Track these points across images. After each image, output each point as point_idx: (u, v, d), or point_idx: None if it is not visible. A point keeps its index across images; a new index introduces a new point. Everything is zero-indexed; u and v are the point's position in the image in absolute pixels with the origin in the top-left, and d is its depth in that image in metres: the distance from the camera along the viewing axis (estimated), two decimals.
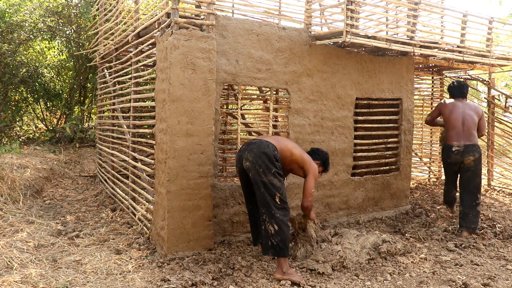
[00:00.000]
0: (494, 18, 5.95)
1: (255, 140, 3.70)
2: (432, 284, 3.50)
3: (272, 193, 3.47)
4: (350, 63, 5.19)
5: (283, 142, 3.79)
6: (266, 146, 3.59)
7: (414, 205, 6.00)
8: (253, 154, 3.55)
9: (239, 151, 3.74)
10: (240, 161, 3.69)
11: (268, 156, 3.53)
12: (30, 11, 9.35)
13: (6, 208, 5.06)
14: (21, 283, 3.20)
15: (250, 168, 3.56)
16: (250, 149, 3.60)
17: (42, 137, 9.64)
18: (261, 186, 3.49)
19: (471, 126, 4.84)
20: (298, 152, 3.80)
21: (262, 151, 3.53)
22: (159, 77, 4.07)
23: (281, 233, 3.42)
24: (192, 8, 4.13)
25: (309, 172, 3.75)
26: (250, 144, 3.66)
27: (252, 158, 3.54)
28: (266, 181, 3.48)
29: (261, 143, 3.60)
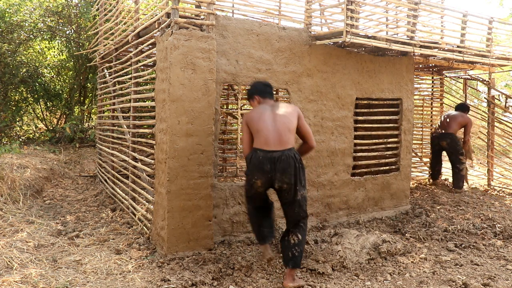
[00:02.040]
0: (494, 18, 5.95)
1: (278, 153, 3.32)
2: (432, 284, 3.50)
3: (303, 206, 3.43)
4: (350, 63, 5.19)
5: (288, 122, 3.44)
6: (295, 158, 3.35)
7: (414, 205, 6.01)
8: (289, 175, 3.31)
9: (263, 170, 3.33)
10: (269, 181, 3.38)
11: (302, 170, 3.39)
12: (30, 11, 9.35)
13: (6, 208, 5.06)
14: (21, 283, 3.20)
15: (287, 189, 3.36)
16: (283, 170, 3.29)
17: (42, 137, 9.63)
18: (296, 204, 3.38)
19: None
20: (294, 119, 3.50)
21: (297, 167, 3.34)
22: (159, 77, 4.07)
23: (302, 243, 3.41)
24: (192, 8, 4.13)
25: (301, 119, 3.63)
26: (277, 161, 3.31)
27: (289, 179, 3.32)
28: (300, 197, 3.38)
29: (289, 157, 3.32)
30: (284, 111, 3.50)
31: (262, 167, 3.34)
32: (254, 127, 3.45)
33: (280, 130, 3.38)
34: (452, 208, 5.88)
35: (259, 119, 3.46)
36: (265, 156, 3.33)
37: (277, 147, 3.34)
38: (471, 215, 5.50)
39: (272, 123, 3.42)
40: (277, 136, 3.37)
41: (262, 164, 3.33)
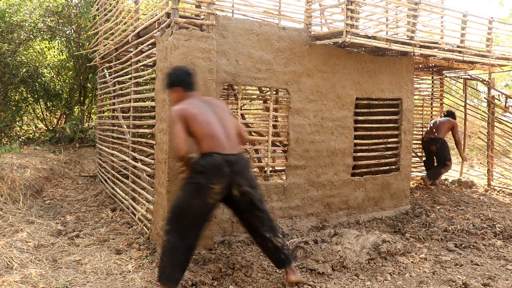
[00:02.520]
0: (494, 18, 5.95)
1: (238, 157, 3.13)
2: (432, 284, 3.50)
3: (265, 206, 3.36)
4: (350, 63, 5.19)
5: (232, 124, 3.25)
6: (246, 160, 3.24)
7: (414, 205, 6.01)
8: (251, 179, 3.21)
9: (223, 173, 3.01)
10: (229, 186, 3.09)
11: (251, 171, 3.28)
12: (30, 11, 9.35)
13: (6, 208, 5.06)
14: (21, 283, 3.20)
15: (249, 193, 3.18)
16: (243, 174, 3.12)
17: (42, 137, 9.63)
18: (260, 204, 3.26)
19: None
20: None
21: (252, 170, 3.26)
22: (159, 77, 4.07)
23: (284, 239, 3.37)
24: (192, 8, 4.13)
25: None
26: (237, 164, 3.08)
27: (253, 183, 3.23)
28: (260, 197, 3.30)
29: (247, 160, 3.21)
30: (223, 109, 3.28)
31: (222, 170, 3.00)
32: (198, 127, 3.06)
33: (229, 129, 3.17)
34: (452, 208, 5.88)
35: (205, 120, 3.09)
36: (224, 159, 3.03)
37: (232, 151, 3.11)
38: (471, 215, 5.50)
39: (221, 125, 3.14)
40: (230, 138, 3.14)
41: (222, 166, 3.00)
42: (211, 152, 3.02)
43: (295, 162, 4.81)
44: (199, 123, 3.05)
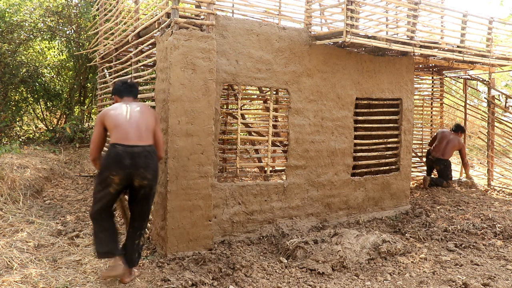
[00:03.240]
0: (494, 18, 5.95)
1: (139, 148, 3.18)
2: (432, 284, 3.50)
3: (151, 203, 3.42)
4: (350, 63, 5.19)
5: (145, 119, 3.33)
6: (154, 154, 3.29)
7: (414, 205, 6.00)
8: (151, 171, 3.22)
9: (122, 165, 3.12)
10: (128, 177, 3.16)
11: (158, 167, 3.37)
12: (30, 11, 9.35)
13: (6, 208, 5.06)
14: (21, 283, 3.20)
15: (147, 185, 3.23)
16: (146, 165, 3.17)
17: (42, 137, 9.63)
18: (150, 200, 3.34)
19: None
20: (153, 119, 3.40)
21: (157, 165, 3.31)
22: (159, 77, 4.07)
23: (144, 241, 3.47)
24: (192, 8, 4.13)
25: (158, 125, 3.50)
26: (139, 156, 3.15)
27: (152, 175, 3.22)
28: (153, 194, 3.37)
29: (150, 153, 3.23)
30: (142, 109, 3.38)
31: (122, 162, 3.11)
32: (112, 123, 3.24)
33: (140, 125, 3.26)
34: (452, 208, 5.88)
35: (116, 115, 3.28)
36: (125, 151, 3.13)
37: (138, 142, 3.19)
38: (471, 215, 5.50)
39: (131, 119, 3.27)
40: (137, 131, 3.22)
41: (122, 158, 3.11)
42: (115, 143, 3.18)
43: (295, 162, 4.81)
44: (111, 118, 3.27)
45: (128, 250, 3.34)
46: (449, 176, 7.27)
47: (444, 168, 7.28)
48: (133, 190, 3.29)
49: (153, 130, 3.36)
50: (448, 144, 7.33)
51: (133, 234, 3.36)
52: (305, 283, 3.44)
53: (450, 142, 7.33)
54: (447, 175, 7.24)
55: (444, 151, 7.31)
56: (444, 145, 7.33)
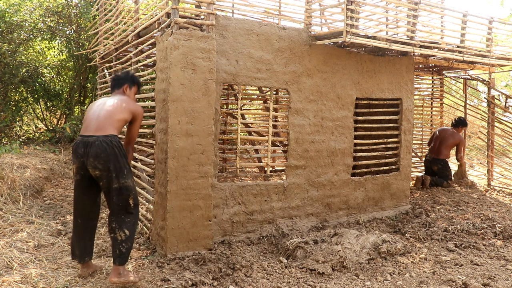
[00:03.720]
0: (494, 18, 5.95)
1: (93, 138, 3.18)
2: (432, 284, 3.50)
3: (125, 198, 3.21)
4: (350, 63, 5.19)
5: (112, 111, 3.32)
6: (111, 143, 3.19)
7: (414, 205, 6.00)
8: (102, 160, 3.13)
9: (77, 154, 3.21)
10: (82, 167, 3.22)
11: (118, 156, 3.19)
12: (30, 11, 9.34)
13: (6, 208, 5.06)
14: (21, 283, 3.20)
15: (101, 176, 3.18)
16: (95, 155, 3.13)
17: (42, 137, 9.62)
18: (114, 193, 3.18)
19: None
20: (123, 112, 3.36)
21: (112, 153, 3.15)
22: (159, 77, 4.07)
23: (130, 239, 3.21)
24: (192, 8, 4.13)
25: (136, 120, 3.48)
26: (89, 145, 3.17)
27: (103, 165, 3.14)
28: (119, 186, 3.18)
29: (102, 143, 3.16)
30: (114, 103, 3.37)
31: (77, 151, 3.21)
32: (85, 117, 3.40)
33: (101, 117, 3.27)
34: (452, 208, 5.88)
35: (89, 110, 3.41)
36: (81, 141, 3.22)
37: (93, 133, 3.21)
38: (471, 215, 5.50)
39: (97, 112, 3.32)
40: (96, 122, 3.26)
41: (77, 148, 3.22)
42: (80, 134, 3.32)
43: (295, 162, 4.81)
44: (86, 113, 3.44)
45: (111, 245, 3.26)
46: (449, 176, 7.22)
47: (442, 168, 7.22)
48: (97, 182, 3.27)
49: (121, 123, 3.33)
50: (443, 142, 7.23)
51: (109, 228, 3.25)
52: (305, 283, 3.44)
53: (447, 139, 7.22)
54: (446, 175, 7.19)
55: (440, 150, 7.24)
56: (439, 143, 7.27)
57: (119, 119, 3.32)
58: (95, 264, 3.51)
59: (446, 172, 7.21)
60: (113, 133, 3.24)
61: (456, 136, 7.22)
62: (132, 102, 3.50)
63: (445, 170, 7.22)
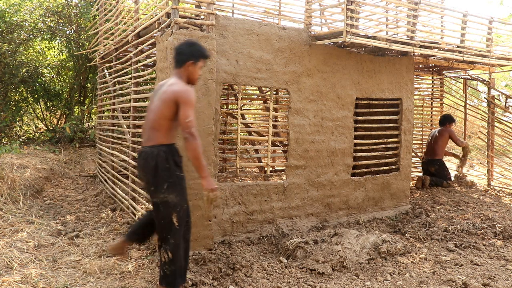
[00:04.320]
0: (494, 18, 5.95)
1: (141, 149, 3.03)
2: (432, 284, 3.50)
3: (166, 215, 2.91)
4: (350, 63, 5.19)
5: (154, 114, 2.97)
6: (152, 154, 2.90)
7: (414, 205, 6.00)
8: (143, 172, 2.99)
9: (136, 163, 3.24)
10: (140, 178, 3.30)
11: (158, 169, 2.88)
12: (30, 11, 9.35)
13: (6, 208, 5.06)
14: (21, 283, 3.20)
15: (147, 190, 3.06)
16: (139, 166, 3.04)
17: (42, 137, 9.63)
18: (154, 208, 2.96)
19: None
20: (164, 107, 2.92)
21: (151, 165, 2.89)
22: (159, 77, 4.07)
23: (174, 262, 2.93)
24: (192, 8, 4.13)
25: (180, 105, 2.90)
26: (138, 157, 3.05)
27: (144, 177, 2.99)
28: (158, 201, 2.91)
29: (148, 155, 2.92)
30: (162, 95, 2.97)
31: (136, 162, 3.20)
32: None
33: (148, 123, 3.02)
34: (452, 208, 5.88)
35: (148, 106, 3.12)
36: (138, 151, 3.14)
37: (144, 143, 3.04)
38: (471, 215, 5.50)
39: (147, 115, 3.06)
40: (145, 131, 3.05)
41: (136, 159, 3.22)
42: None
43: (295, 162, 4.81)
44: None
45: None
46: (447, 175, 7.22)
47: (439, 168, 7.24)
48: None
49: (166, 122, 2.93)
50: (435, 142, 7.26)
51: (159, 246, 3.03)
52: (305, 283, 3.44)
53: (437, 139, 7.25)
54: (444, 175, 7.20)
55: (434, 150, 7.27)
56: (433, 144, 7.30)
57: (161, 122, 2.94)
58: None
59: (444, 172, 7.23)
60: (158, 142, 2.93)
61: (444, 132, 7.23)
62: (174, 88, 2.94)
63: (442, 170, 7.24)
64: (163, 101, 2.93)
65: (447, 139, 7.26)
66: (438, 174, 7.22)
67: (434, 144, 7.30)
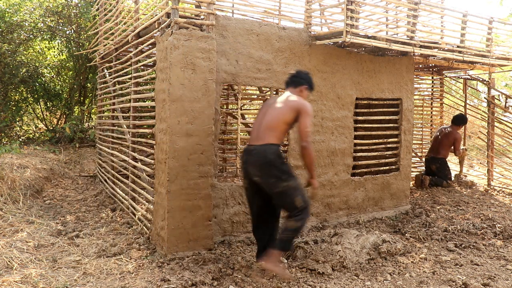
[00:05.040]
0: (494, 18, 5.95)
1: (252, 147, 3.41)
2: (432, 284, 3.50)
3: (287, 198, 3.31)
4: (350, 63, 5.19)
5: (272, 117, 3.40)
6: (266, 151, 3.31)
7: (414, 205, 6.00)
8: (258, 167, 3.33)
9: (243, 163, 3.50)
10: (247, 175, 3.48)
11: (274, 163, 3.28)
12: (30, 11, 9.35)
13: (6, 208, 5.06)
14: (21, 283, 3.20)
15: (261, 182, 3.37)
16: (253, 162, 3.35)
17: (42, 137, 9.63)
18: (278, 197, 3.36)
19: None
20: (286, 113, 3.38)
21: (266, 162, 3.28)
22: (159, 77, 4.07)
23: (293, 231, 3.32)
24: (192, 8, 4.13)
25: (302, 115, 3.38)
26: (249, 154, 3.41)
27: (260, 172, 3.33)
28: (282, 190, 3.29)
29: (259, 152, 3.33)
30: (279, 105, 3.42)
31: (242, 159, 3.51)
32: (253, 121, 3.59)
33: (261, 125, 3.43)
34: (452, 208, 5.88)
35: (257, 115, 3.61)
36: (245, 149, 3.50)
37: (253, 143, 3.43)
38: (471, 215, 5.50)
39: (258, 119, 3.50)
40: (257, 132, 3.45)
41: (242, 155, 3.52)
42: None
43: (295, 162, 4.81)
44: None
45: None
46: (448, 175, 7.20)
47: (440, 167, 7.20)
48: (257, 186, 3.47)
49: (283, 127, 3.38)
50: (441, 141, 7.23)
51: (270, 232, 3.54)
52: (305, 283, 3.44)
53: (443, 139, 7.22)
54: (445, 174, 7.17)
55: (438, 149, 7.24)
56: (438, 142, 7.27)
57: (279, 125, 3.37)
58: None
59: (445, 171, 7.20)
60: (271, 142, 3.34)
61: (451, 135, 7.20)
62: (297, 99, 3.44)
63: (443, 169, 7.21)
64: (286, 108, 3.38)
65: (452, 142, 7.23)
66: (439, 172, 7.18)
67: (439, 143, 7.27)
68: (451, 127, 7.29)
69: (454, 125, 7.30)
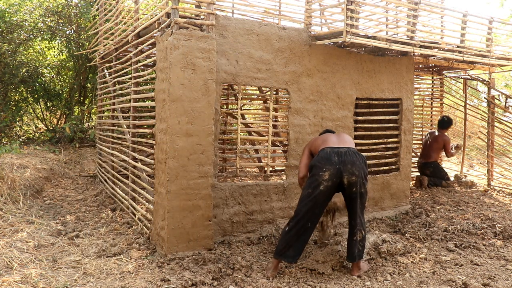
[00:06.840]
0: (494, 18, 5.95)
1: (345, 149, 3.61)
2: (432, 284, 3.50)
3: (365, 202, 3.66)
4: (350, 63, 5.19)
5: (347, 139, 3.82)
6: (359, 154, 3.62)
7: (414, 205, 6.00)
8: (358, 167, 3.51)
9: (332, 163, 3.49)
10: (338, 175, 3.49)
11: (367, 166, 3.63)
12: (30, 11, 9.35)
13: (6, 208, 5.06)
14: (21, 283, 3.20)
15: (355, 182, 3.51)
16: (352, 162, 3.51)
17: (42, 137, 9.63)
18: (358, 197, 3.56)
19: None
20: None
21: (364, 162, 3.60)
22: (159, 77, 4.07)
23: (364, 239, 3.67)
24: (192, 8, 4.13)
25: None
26: (346, 155, 3.55)
27: (358, 172, 3.51)
28: (364, 191, 3.58)
29: (356, 152, 3.62)
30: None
31: (330, 159, 3.51)
32: (319, 143, 3.77)
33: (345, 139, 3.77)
34: (452, 208, 5.88)
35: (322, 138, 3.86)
36: (332, 151, 3.58)
37: (342, 145, 3.66)
38: (471, 215, 5.50)
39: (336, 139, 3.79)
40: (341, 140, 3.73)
41: (331, 156, 3.54)
42: (324, 147, 3.65)
43: (295, 162, 4.81)
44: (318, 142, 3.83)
45: (348, 246, 3.64)
46: (444, 176, 7.22)
47: (434, 170, 7.25)
48: (344, 189, 3.59)
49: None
50: (431, 145, 7.29)
51: (351, 231, 3.63)
52: (305, 283, 3.44)
53: (434, 142, 7.27)
54: (441, 175, 7.20)
55: (429, 153, 7.32)
56: (428, 147, 7.35)
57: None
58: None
59: (439, 173, 7.24)
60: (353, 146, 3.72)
61: (440, 139, 7.26)
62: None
63: (438, 171, 7.26)
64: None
65: (442, 145, 7.29)
66: (434, 175, 7.23)
67: (429, 147, 7.35)
68: (439, 131, 7.35)
69: (440, 129, 7.36)
